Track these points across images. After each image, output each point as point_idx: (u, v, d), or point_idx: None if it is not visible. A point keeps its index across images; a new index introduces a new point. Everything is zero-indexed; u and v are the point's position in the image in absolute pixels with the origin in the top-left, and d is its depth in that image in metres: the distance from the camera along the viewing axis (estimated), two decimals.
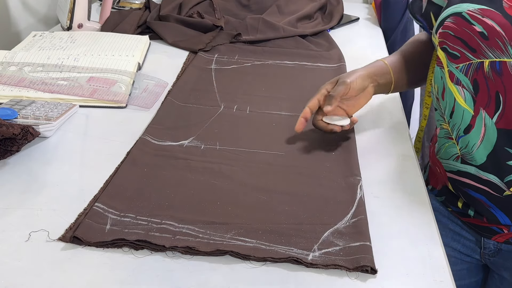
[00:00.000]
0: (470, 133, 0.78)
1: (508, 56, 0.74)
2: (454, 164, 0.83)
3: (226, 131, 0.95)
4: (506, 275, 0.90)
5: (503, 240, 0.87)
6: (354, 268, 0.63)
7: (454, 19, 0.79)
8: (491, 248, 0.90)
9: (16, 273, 0.62)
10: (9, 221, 0.71)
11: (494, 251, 0.90)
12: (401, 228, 0.72)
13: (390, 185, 0.81)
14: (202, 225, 0.70)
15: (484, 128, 0.77)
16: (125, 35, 1.36)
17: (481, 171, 0.79)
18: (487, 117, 0.76)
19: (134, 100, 1.06)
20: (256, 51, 1.34)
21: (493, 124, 0.76)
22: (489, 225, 0.85)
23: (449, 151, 0.84)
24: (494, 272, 0.93)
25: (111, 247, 0.67)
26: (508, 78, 0.75)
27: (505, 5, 0.75)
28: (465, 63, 0.79)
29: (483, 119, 0.76)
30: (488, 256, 0.91)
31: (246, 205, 0.75)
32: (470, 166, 0.81)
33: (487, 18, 0.76)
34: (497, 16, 0.75)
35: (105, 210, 0.72)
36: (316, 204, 0.75)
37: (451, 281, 0.63)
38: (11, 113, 0.90)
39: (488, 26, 0.76)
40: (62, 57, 1.18)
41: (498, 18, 0.75)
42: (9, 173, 0.82)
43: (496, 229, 0.85)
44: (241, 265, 0.64)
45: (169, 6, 1.54)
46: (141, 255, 0.65)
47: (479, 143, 0.78)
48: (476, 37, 0.77)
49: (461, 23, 0.78)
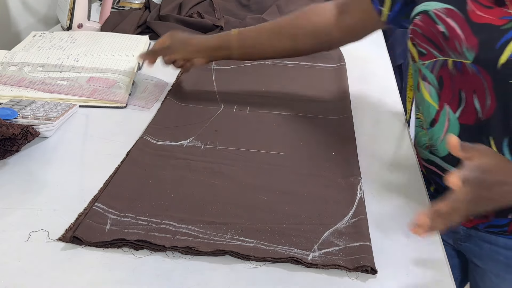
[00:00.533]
0: (435, 126, 0.81)
1: (465, 58, 0.76)
2: (425, 153, 0.87)
3: (226, 131, 0.95)
4: (479, 263, 0.92)
5: (471, 226, 0.89)
6: (354, 268, 0.63)
7: (422, 17, 0.81)
8: (461, 233, 0.92)
9: (16, 273, 0.62)
10: (9, 221, 0.71)
11: (464, 236, 0.92)
12: (401, 228, 0.72)
13: (390, 185, 0.81)
14: (202, 225, 0.70)
15: (447, 123, 0.79)
16: (125, 35, 1.36)
17: (445, 163, 0.82)
18: (450, 112, 0.78)
19: (134, 100, 1.06)
20: None
21: (456, 119, 0.78)
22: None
23: (422, 140, 0.88)
24: (470, 261, 0.96)
25: (111, 247, 0.67)
26: (468, 77, 0.76)
27: (469, 8, 0.77)
28: (431, 60, 0.81)
29: (447, 114, 0.79)
30: (460, 242, 0.93)
31: (246, 205, 0.75)
32: (436, 157, 0.84)
33: (450, 18, 0.78)
34: (459, 17, 0.77)
35: (105, 210, 0.72)
36: (316, 204, 0.75)
37: (451, 281, 0.63)
38: (11, 113, 0.90)
39: (450, 27, 0.78)
40: (62, 57, 1.18)
41: (460, 20, 0.77)
42: (9, 173, 0.82)
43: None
44: (241, 265, 0.64)
45: (169, 6, 1.54)
46: (141, 255, 0.65)
47: (442, 136, 0.80)
48: (439, 37, 0.79)
49: (427, 21, 0.80)
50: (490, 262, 0.90)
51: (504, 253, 0.88)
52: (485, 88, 0.75)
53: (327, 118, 1.00)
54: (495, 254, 0.89)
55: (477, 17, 0.76)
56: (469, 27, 0.76)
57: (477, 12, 0.77)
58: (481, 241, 0.90)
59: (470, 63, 0.76)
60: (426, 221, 0.59)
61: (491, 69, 0.74)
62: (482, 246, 0.90)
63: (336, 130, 0.96)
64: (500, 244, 0.87)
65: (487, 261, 0.91)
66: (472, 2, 0.78)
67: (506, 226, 0.85)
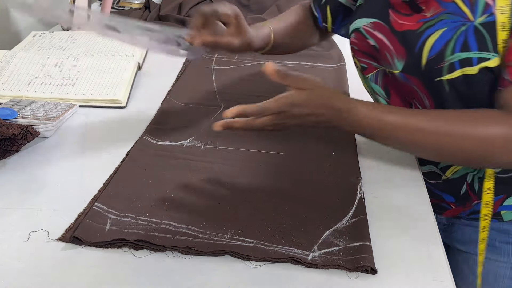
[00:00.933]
0: None
1: (396, 68, 0.81)
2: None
3: (226, 131, 0.95)
4: (460, 247, 0.97)
5: (453, 215, 0.94)
6: (354, 268, 0.63)
7: (355, 34, 0.87)
8: (444, 223, 0.96)
9: (16, 273, 0.62)
10: (9, 221, 0.71)
11: (447, 225, 0.96)
12: (401, 228, 0.72)
13: (390, 185, 0.81)
14: (202, 225, 0.70)
15: None
16: None
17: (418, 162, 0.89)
18: None
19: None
20: None
21: None
22: (438, 201, 0.91)
23: None
24: (450, 248, 0.99)
25: (111, 247, 0.67)
26: (402, 85, 0.82)
27: (391, 19, 0.82)
28: (373, 72, 0.87)
29: None
30: (441, 230, 0.94)
31: (246, 205, 0.75)
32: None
33: (377, 31, 0.83)
34: (385, 29, 0.82)
35: (105, 210, 0.72)
36: (316, 204, 0.75)
37: (451, 281, 0.63)
38: (11, 113, 0.90)
39: (378, 39, 0.83)
40: (61, 57, 1.18)
41: (386, 31, 0.82)
42: (9, 173, 0.82)
43: (445, 205, 0.93)
44: (241, 265, 0.64)
45: (169, 6, 1.54)
46: (141, 255, 0.65)
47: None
48: (372, 50, 0.85)
49: (360, 38, 0.87)
50: (473, 244, 0.93)
51: (488, 234, 0.90)
52: (418, 92, 0.80)
53: None
54: (478, 236, 0.91)
55: (399, 25, 0.81)
56: (395, 37, 0.81)
57: (399, 21, 0.81)
58: (463, 226, 0.95)
59: (399, 73, 0.81)
60: (231, 121, 0.72)
61: (417, 74, 0.79)
62: (464, 230, 0.95)
63: (336, 130, 0.95)
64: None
65: (470, 244, 0.95)
66: (393, 12, 0.82)
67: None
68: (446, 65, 0.75)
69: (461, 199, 0.90)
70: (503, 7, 0.71)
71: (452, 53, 0.74)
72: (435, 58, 0.75)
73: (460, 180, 0.88)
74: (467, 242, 0.95)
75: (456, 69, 0.74)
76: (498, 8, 0.71)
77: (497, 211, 0.89)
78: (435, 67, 0.76)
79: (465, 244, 0.96)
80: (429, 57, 0.76)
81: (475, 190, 0.87)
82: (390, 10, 0.82)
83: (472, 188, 0.88)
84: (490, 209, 0.84)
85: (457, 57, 0.74)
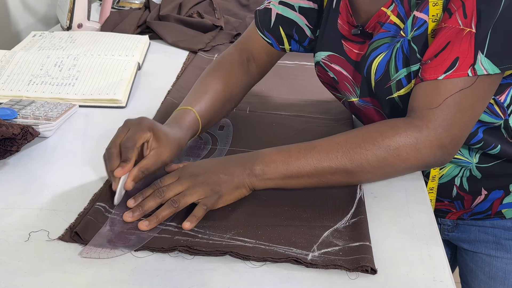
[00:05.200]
0: None
1: (355, 95, 0.85)
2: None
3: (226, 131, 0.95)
4: (467, 246, 0.98)
5: (456, 217, 0.95)
6: (354, 268, 0.63)
7: (317, 68, 0.90)
8: (448, 225, 0.98)
9: (16, 273, 0.62)
10: (9, 221, 0.71)
11: (452, 226, 0.98)
12: (401, 228, 0.72)
13: (390, 185, 0.81)
14: (202, 225, 0.70)
15: None
16: (124, 35, 1.36)
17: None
18: None
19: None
20: None
21: None
22: (439, 205, 0.94)
23: None
24: (458, 248, 1.01)
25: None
26: (364, 110, 0.86)
27: (346, 49, 0.84)
28: (341, 101, 0.92)
29: None
30: (447, 232, 0.99)
31: (246, 205, 0.75)
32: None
33: (334, 64, 0.86)
34: (341, 60, 0.85)
35: (105, 210, 0.72)
36: (316, 204, 0.75)
37: (451, 281, 0.63)
38: (11, 113, 0.90)
39: (336, 72, 0.86)
40: (61, 57, 1.18)
41: (342, 62, 0.85)
42: (9, 173, 0.82)
43: (446, 209, 0.95)
44: (241, 265, 0.64)
45: (169, 6, 1.54)
46: (141, 255, 0.65)
47: None
48: (333, 82, 0.88)
49: (321, 71, 0.90)
50: (480, 243, 0.96)
51: (492, 232, 0.94)
52: (380, 111, 0.84)
53: (327, 118, 1.00)
54: (483, 234, 0.95)
55: (354, 54, 0.84)
56: (351, 66, 0.84)
57: (354, 51, 0.84)
58: (468, 226, 0.96)
59: (357, 100, 0.85)
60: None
61: (372, 95, 0.82)
62: (470, 230, 0.96)
63: (336, 130, 0.95)
64: (487, 225, 0.94)
65: (476, 243, 0.96)
66: (347, 42, 0.85)
67: (489, 211, 0.91)
68: (393, 83, 0.78)
69: (456, 201, 0.92)
70: (434, 16, 0.74)
71: (396, 71, 0.77)
72: (382, 79, 0.79)
73: (449, 184, 0.90)
74: (473, 241, 0.97)
75: (404, 86, 0.77)
76: (430, 17, 0.74)
77: (498, 210, 0.90)
78: (384, 87, 0.79)
79: (471, 244, 0.97)
80: (376, 79, 0.79)
81: (466, 189, 0.89)
82: (343, 40, 0.84)
83: (463, 188, 0.89)
84: (433, 195, 0.89)
85: (402, 74, 0.77)
